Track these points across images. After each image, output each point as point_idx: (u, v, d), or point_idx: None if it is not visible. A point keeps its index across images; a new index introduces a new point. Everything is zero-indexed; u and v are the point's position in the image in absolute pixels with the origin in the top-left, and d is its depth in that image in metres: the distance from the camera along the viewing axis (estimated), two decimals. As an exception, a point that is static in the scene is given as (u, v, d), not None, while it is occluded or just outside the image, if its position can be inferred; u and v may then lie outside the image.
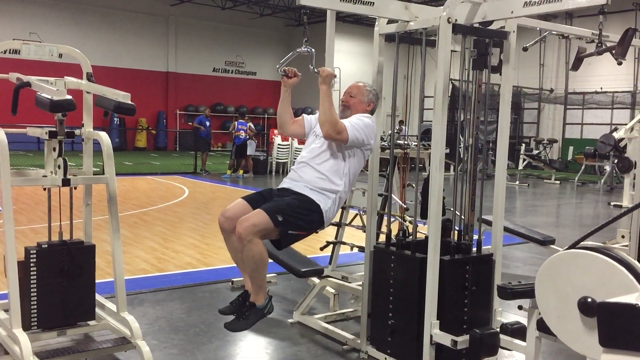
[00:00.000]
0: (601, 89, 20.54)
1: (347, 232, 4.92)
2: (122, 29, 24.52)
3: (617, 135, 13.27)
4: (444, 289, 3.38)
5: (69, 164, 3.30)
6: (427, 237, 3.44)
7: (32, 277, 3.31)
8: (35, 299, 3.32)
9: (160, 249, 6.80)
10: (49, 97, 3.02)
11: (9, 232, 3.11)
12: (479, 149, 3.83)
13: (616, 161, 13.35)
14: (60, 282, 3.39)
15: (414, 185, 4.02)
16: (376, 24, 3.78)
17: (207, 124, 16.45)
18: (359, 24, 24.77)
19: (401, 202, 4.40)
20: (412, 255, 3.57)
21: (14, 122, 4.13)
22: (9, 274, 3.12)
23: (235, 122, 16.33)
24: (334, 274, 4.63)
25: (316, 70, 3.40)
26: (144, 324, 4.20)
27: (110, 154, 3.37)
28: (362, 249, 4.13)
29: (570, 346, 1.95)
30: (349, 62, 23.54)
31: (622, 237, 6.38)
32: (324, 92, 3.31)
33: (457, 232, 3.65)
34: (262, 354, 3.97)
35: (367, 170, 3.91)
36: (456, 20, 3.29)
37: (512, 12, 3.19)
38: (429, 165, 3.53)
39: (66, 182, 3.26)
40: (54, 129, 3.30)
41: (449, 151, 3.69)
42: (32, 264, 3.32)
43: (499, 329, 3.32)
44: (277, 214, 3.11)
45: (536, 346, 2.69)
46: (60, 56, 3.68)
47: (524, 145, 18.87)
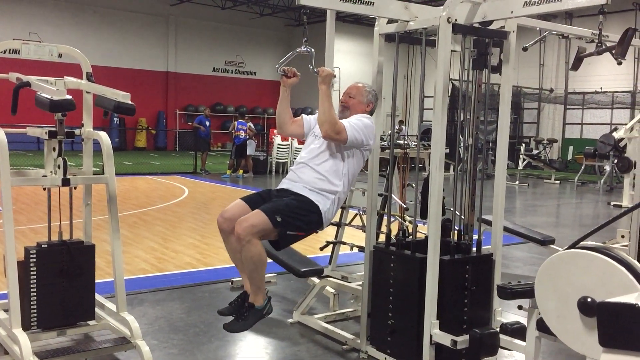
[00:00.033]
0: (601, 88, 20.54)
1: (347, 232, 4.92)
2: (122, 29, 24.52)
3: (617, 135, 13.28)
4: (444, 289, 3.38)
5: (69, 163, 3.30)
6: (427, 237, 3.44)
7: (31, 277, 3.31)
8: (35, 299, 3.32)
9: (160, 249, 6.80)
10: (49, 97, 3.02)
11: (9, 232, 3.11)
12: (479, 148, 3.83)
13: (616, 161, 13.35)
14: (60, 282, 3.39)
15: (414, 185, 4.02)
16: (376, 23, 3.78)
17: (207, 123, 16.45)
18: (359, 24, 24.77)
19: (401, 202, 4.40)
20: (412, 255, 3.57)
21: (14, 122, 4.13)
22: (8, 274, 3.12)
23: (235, 122, 16.35)
24: (333, 274, 4.63)
25: (316, 70, 3.40)
26: (143, 324, 4.20)
27: (110, 153, 3.37)
28: (362, 249, 4.13)
29: (570, 346, 1.95)
30: (349, 62, 23.53)
31: (622, 237, 6.38)
32: (323, 92, 3.31)
33: (457, 232, 3.65)
34: (262, 354, 3.97)
35: (367, 170, 3.91)
36: (456, 20, 3.29)
37: (512, 12, 3.20)
38: (429, 165, 3.53)
39: (66, 182, 3.26)
40: (54, 129, 3.30)
41: (448, 151, 3.69)
42: (31, 264, 3.32)
43: (498, 329, 3.32)
44: (275, 214, 3.11)
45: (536, 346, 2.69)
46: (60, 56, 3.68)
47: (523, 145, 18.86)
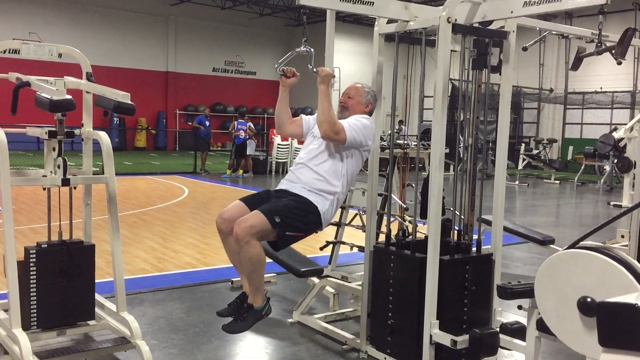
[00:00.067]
0: (601, 88, 20.54)
1: (346, 232, 4.92)
2: (122, 28, 24.52)
3: (616, 135, 13.28)
4: (444, 289, 3.38)
5: (69, 163, 3.30)
6: (426, 237, 3.44)
7: (31, 277, 3.31)
8: (34, 298, 3.32)
9: (159, 249, 6.80)
10: (49, 96, 3.02)
11: (9, 232, 3.11)
12: (479, 148, 3.82)
13: (616, 161, 13.35)
14: (59, 282, 3.39)
15: (414, 185, 4.02)
16: (376, 23, 3.78)
17: (207, 123, 16.45)
18: (358, 24, 24.78)
19: (401, 202, 4.40)
20: (412, 255, 3.56)
21: (14, 121, 4.13)
22: (8, 274, 3.12)
23: (234, 122, 16.34)
24: (333, 274, 4.63)
25: (315, 70, 3.40)
26: (143, 324, 4.20)
27: (109, 153, 3.37)
28: (361, 249, 4.13)
29: (569, 346, 1.95)
30: (349, 62, 23.55)
31: (622, 236, 6.38)
32: (322, 92, 3.31)
33: (456, 232, 3.65)
34: (262, 354, 3.97)
35: (367, 170, 3.91)
36: (456, 20, 3.29)
37: (512, 12, 3.20)
38: (429, 165, 3.53)
39: (66, 182, 3.26)
40: (54, 129, 3.30)
41: (448, 151, 3.69)
42: (31, 264, 3.31)
43: (498, 329, 3.32)
44: (274, 215, 3.11)
45: (536, 346, 2.69)
46: (59, 56, 3.68)
47: (523, 145, 18.85)
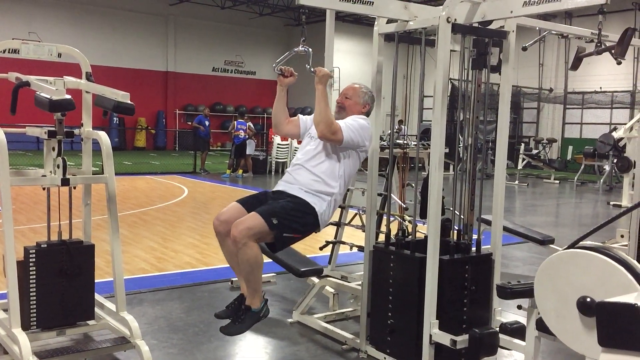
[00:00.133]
0: (600, 88, 20.55)
1: (346, 232, 4.92)
2: (122, 28, 24.52)
3: (616, 134, 13.30)
4: (443, 289, 3.38)
5: (68, 163, 3.30)
6: (426, 237, 3.44)
7: (31, 277, 3.31)
8: (34, 298, 3.31)
9: (159, 249, 6.79)
10: (48, 96, 3.02)
11: (8, 232, 3.10)
12: (478, 148, 3.83)
13: (615, 161, 13.37)
14: (59, 282, 3.39)
15: (414, 184, 4.02)
16: (376, 23, 3.78)
17: (207, 123, 16.44)
18: (358, 24, 24.78)
19: (400, 202, 4.40)
20: (412, 254, 3.56)
21: (13, 121, 4.12)
22: (8, 274, 3.12)
23: (234, 122, 16.35)
24: (333, 274, 4.63)
25: (313, 69, 3.40)
26: (143, 324, 4.20)
27: (109, 153, 3.37)
28: (361, 249, 4.13)
29: (569, 346, 1.95)
30: (349, 62, 23.55)
31: (622, 236, 6.38)
32: (320, 92, 3.31)
33: (456, 232, 3.65)
34: (262, 354, 3.97)
35: (367, 169, 3.91)
36: (455, 19, 3.29)
37: (512, 12, 3.20)
38: (429, 164, 3.53)
39: (65, 182, 3.26)
40: (53, 129, 3.30)
41: (448, 151, 3.69)
42: (31, 264, 3.31)
43: (498, 329, 3.32)
44: (271, 216, 3.11)
45: (535, 346, 2.69)
46: (59, 56, 3.68)
47: (523, 144, 18.85)
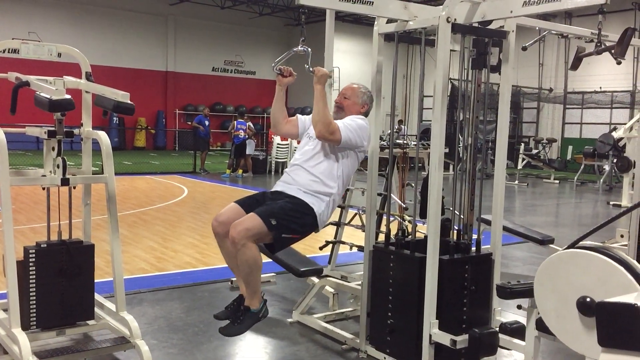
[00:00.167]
0: (600, 88, 20.55)
1: (346, 232, 4.92)
2: (122, 28, 24.51)
3: (616, 134, 13.31)
4: (443, 289, 3.38)
5: (68, 163, 3.30)
6: (426, 237, 3.44)
7: (31, 277, 3.31)
8: (34, 298, 3.32)
9: (159, 249, 6.79)
10: (48, 96, 3.02)
11: (8, 232, 3.10)
12: (478, 148, 3.83)
13: (615, 160, 13.37)
14: (59, 282, 3.39)
15: (413, 184, 4.02)
16: (375, 23, 3.78)
17: (206, 123, 16.44)
18: (358, 24, 24.77)
19: (400, 202, 4.40)
20: (412, 254, 3.56)
21: (13, 121, 4.12)
22: (8, 274, 3.12)
23: (234, 122, 16.34)
24: (333, 274, 4.63)
25: (311, 69, 3.40)
26: (143, 324, 4.20)
27: (109, 153, 3.37)
28: (361, 249, 4.13)
29: (569, 346, 1.95)
30: (348, 62, 23.55)
31: (621, 236, 6.38)
32: (318, 92, 3.31)
33: (456, 232, 3.65)
34: (261, 354, 3.97)
35: (367, 169, 3.91)
36: (455, 19, 3.29)
37: (512, 12, 3.20)
38: (428, 164, 3.53)
39: (65, 182, 3.26)
40: (53, 129, 3.30)
41: (448, 150, 3.69)
42: (31, 264, 3.31)
43: (498, 329, 3.32)
44: (270, 217, 3.11)
45: (535, 346, 2.69)
46: (59, 55, 3.68)
47: (523, 144, 18.85)
